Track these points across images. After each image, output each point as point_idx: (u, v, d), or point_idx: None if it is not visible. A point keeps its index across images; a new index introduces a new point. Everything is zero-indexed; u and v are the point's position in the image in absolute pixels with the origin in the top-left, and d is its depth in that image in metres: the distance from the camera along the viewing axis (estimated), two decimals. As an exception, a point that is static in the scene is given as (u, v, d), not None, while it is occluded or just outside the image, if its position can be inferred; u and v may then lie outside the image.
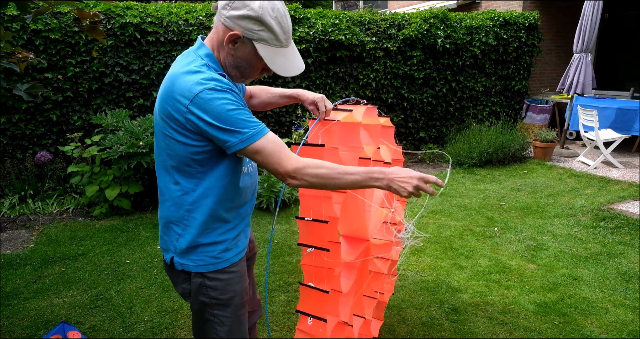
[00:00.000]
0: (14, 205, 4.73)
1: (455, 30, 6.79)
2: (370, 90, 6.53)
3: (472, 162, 6.16)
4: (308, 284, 1.78)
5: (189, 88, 1.26)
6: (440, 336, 2.56)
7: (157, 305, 2.94)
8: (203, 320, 1.51)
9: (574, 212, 4.48)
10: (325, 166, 1.32)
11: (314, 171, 1.31)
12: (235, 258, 1.50)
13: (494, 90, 7.49)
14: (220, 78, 1.30)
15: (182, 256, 1.45)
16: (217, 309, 1.48)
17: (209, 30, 5.42)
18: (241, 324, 1.55)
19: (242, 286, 1.52)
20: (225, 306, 1.49)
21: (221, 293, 1.47)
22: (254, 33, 1.29)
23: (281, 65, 1.35)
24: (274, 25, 1.29)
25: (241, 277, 1.52)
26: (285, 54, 1.35)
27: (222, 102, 1.26)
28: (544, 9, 7.99)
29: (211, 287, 1.45)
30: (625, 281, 3.16)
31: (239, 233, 1.52)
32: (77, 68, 5.03)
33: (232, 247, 1.49)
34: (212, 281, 1.45)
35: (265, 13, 1.27)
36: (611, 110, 6.40)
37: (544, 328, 2.64)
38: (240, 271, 1.52)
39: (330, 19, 6.09)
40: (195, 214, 1.41)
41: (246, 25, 1.29)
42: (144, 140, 4.40)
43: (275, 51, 1.34)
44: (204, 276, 1.45)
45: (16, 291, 3.16)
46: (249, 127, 1.28)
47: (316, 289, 1.77)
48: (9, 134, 4.98)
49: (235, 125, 1.27)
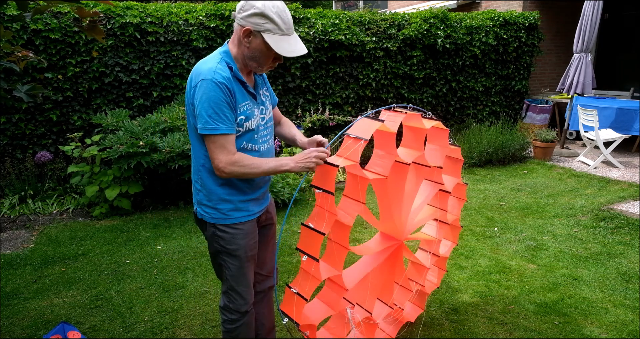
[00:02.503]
0: (14, 205, 4.73)
1: (455, 30, 6.79)
2: (370, 90, 6.53)
3: (472, 162, 6.16)
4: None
5: (197, 74, 1.68)
6: (440, 336, 2.56)
7: (157, 305, 2.94)
8: (217, 263, 1.92)
9: (574, 212, 4.48)
10: (249, 163, 1.71)
11: (237, 169, 1.69)
12: (243, 219, 1.84)
13: (494, 90, 7.49)
14: (222, 73, 1.66)
15: (201, 207, 1.86)
16: (225, 256, 1.87)
17: (208, 30, 5.44)
18: (244, 274, 1.89)
19: (246, 242, 1.86)
20: (231, 255, 1.85)
21: (228, 243, 1.84)
22: (261, 26, 1.64)
23: (285, 48, 1.66)
24: (276, 18, 1.63)
25: (246, 235, 1.85)
26: (288, 41, 1.67)
27: (211, 94, 1.64)
28: (544, 9, 7.99)
29: (220, 237, 1.84)
30: (625, 281, 3.16)
31: (249, 199, 1.85)
32: (77, 68, 5.03)
33: (241, 209, 1.84)
34: (221, 232, 1.83)
35: (267, 9, 1.62)
36: (611, 110, 6.40)
37: (544, 328, 2.64)
38: (246, 230, 1.85)
39: (330, 19, 6.09)
40: (204, 175, 1.81)
41: (254, 20, 1.63)
42: (144, 140, 4.40)
43: (280, 39, 1.66)
44: (215, 227, 1.84)
45: (16, 291, 3.16)
46: (209, 123, 1.65)
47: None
48: (9, 134, 4.98)
49: (204, 115, 1.65)
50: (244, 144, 1.78)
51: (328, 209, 1.82)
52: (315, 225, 1.82)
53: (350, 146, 1.84)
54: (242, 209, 1.84)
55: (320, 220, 1.82)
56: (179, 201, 4.90)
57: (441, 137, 2.39)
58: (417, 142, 2.21)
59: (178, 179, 4.89)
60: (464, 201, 2.65)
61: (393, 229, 2.24)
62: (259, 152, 1.83)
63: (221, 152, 1.67)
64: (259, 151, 1.83)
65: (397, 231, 2.24)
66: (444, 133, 2.37)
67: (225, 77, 1.66)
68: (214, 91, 1.64)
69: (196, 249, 3.78)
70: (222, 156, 1.67)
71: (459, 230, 2.71)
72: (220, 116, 1.65)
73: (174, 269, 3.44)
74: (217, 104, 1.64)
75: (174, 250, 3.78)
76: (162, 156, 4.35)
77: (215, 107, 1.64)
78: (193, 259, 3.60)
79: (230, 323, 1.96)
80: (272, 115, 1.98)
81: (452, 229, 2.66)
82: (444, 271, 2.73)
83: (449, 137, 2.39)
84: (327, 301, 2.02)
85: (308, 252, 1.84)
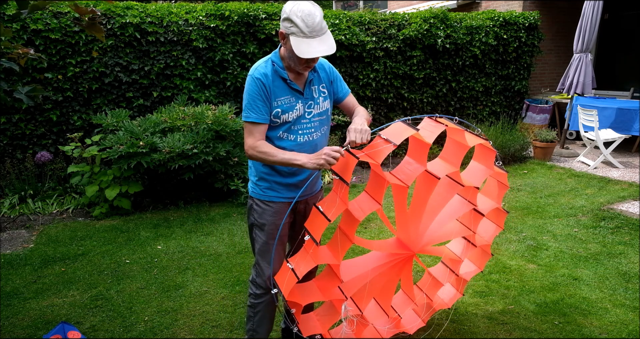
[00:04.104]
0: (14, 205, 4.73)
1: (455, 30, 6.79)
2: (370, 90, 6.53)
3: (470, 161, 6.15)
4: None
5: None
6: (440, 336, 2.56)
7: (157, 305, 2.94)
8: (251, 236, 2.19)
9: (574, 212, 4.48)
10: (264, 150, 1.92)
11: (256, 154, 1.93)
12: (275, 198, 2.07)
13: (494, 90, 7.49)
14: (261, 70, 1.93)
15: (250, 183, 2.15)
16: (256, 229, 2.12)
17: (208, 30, 5.43)
18: (268, 251, 2.09)
19: (274, 220, 2.07)
20: (261, 229, 2.10)
21: (259, 217, 2.10)
22: (288, 29, 1.82)
23: (302, 50, 1.79)
24: (299, 22, 1.78)
25: (275, 213, 2.07)
26: (309, 43, 1.80)
27: (248, 87, 1.94)
28: (544, 9, 7.99)
29: (255, 210, 2.11)
30: (625, 281, 3.16)
31: (284, 184, 2.06)
32: (77, 68, 5.03)
33: (275, 189, 2.07)
34: (256, 206, 2.10)
35: (292, 14, 1.78)
36: (611, 110, 6.39)
37: (544, 328, 2.64)
38: (276, 209, 2.07)
39: (330, 19, 6.09)
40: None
41: (285, 24, 1.83)
42: (144, 140, 4.40)
43: (302, 41, 1.80)
44: (253, 200, 2.13)
45: (16, 291, 3.16)
46: (245, 111, 1.95)
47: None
48: (9, 134, 4.98)
49: (244, 104, 1.96)
50: (280, 133, 1.99)
51: (341, 198, 1.84)
52: (325, 210, 1.85)
53: (377, 146, 1.84)
54: (276, 189, 2.07)
55: (331, 206, 1.85)
56: (179, 201, 4.90)
57: (487, 157, 2.27)
58: (456, 157, 2.13)
59: (178, 179, 4.89)
60: (500, 229, 2.48)
61: (407, 239, 2.18)
62: (296, 142, 2.01)
63: (248, 136, 1.95)
64: (296, 141, 2.01)
65: (412, 242, 2.18)
66: (491, 154, 2.25)
67: (262, 74, 1.91)
68: (250, 85, 1.93)
69: (196, 249, 3.78)
70: (249, 140, 1.94)
71: (488, 257, 2.55)
72: (253, 106, 1.92)
73: (174, 269, 3.44)
74: (251, 96, 1.92)
75: (174, 250, 3.78)
76: (162, 156, 4.35)
77: (250, 99, 1.92)
78: (193, 259, 3.60)
79: (255, 297, 2.17)
80: (328, 109, 2.11)
81: (480, 254, 2.53)
82: (459, 294, 2.57)
83: (496, 160, 2.26)
84: (320, 286, 2.05)
85: (312, 233, 1.87)
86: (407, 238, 2.18)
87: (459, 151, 2.12)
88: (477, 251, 2.50)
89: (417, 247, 2.20)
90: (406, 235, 2.17)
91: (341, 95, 2.15)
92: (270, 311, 2.21)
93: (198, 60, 5.53)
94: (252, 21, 5.62)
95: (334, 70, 2.12)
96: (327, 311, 2.18)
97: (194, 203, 4.96)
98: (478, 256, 2.54)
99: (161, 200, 4.95)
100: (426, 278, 2.53)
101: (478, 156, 2.33)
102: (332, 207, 1.83)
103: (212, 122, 4.60)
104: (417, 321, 2.45)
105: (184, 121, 4.70)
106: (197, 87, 5.59)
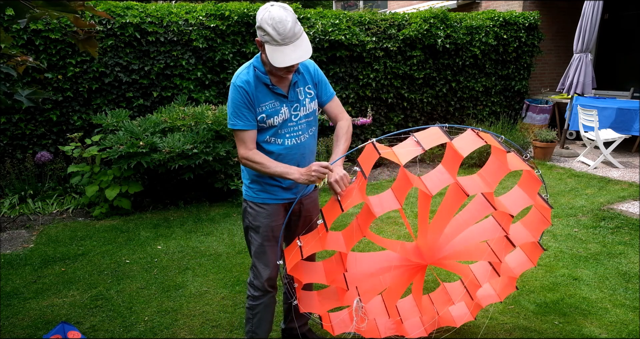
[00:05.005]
0: (14, 205, 4.73)
1: (455, 30, 6.79)
2: (370, 90, 6.53)
3: (472, 162, 6.15)
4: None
5: None
6: (440, 336, 2.56)
7: (157, 305, 2.94)
8: (247, 239, 2.19)
9: (574, 212, 4.48)
10: (258, 161, 1.94)
11: (249, 163, 1.96)
12: (268, 200, 2.08)
13: (494, 90, 7.49)
14: (242, 77, 1.92)
15: (243, 186, 2.16)
16: (252, 232, 2.13)
17: (208, 30, 5.43)
18: (264, 252, 2.10)
19: (268, 222, 2.07)
20: (256, 231, 2.10)
21: (253, 220, 2.10)
22: (262, 37, 1.81)
23: (276, 58, 1.79)
24: (271, 30, 1.76)
25: (269, 215, 2.08)
26: (283, 51, 1.79)
27: (232, 96, 1.94)
28: (544, 9, 7.99)
29: (249, 213, 2.11)
30: (625, 281, 3.15)
31: (276, 185, 2.06)
32: (77, 68, 5.03)
33: (268, 191, 2.07)
34: (250, 208, 2.11)
35: (263, 22, 1.77)
36: (611, 110, 6.39)
37: (544, 328, 2.64)
38: (270, 211, 2.08)
39: (330, 19, 6.09)
40: None
41: (259, 33, 1.82)
42: (144, 140, 4.40)
43: (275, 49, 1.79)
44: (247, 203, 2.13)
45: (16, 291, 3.16)
46: (230, 119, 1.96)
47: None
48: (9, 134, 4.98)
49: (228, 112, 1.98)
50: (267, 137, 2.00)
51: (359, 190, 1.86)
52: (342, 199, 1.87)
53: (407, 146, 1.83)
54: (268, 191, 2.08)
55: (348, 196, 1.86)
56: (179, 201, 4.90)
57: (532, 186, 2.11)
58: (494, 177, 2.00)
59: (178, 179, 4.89)
60: (532, 265, 2.32)
61: (425, 248, 2.13)
62: (283, 146, 2.02)
63: (240, 145, 1.97)
64: (283, 145, 2.02)
65: (428, 252, 2.13)
66: (536, 184, 2.09)
67: (244, 81, 1.91)
68: (233, 93, 1.93)
69: (196, 249, 3.78)
70: (241, 149, 1.97)
71: (512, 290, 2.40)
72: (239, 114, 1.93)
73: (174, 269, 3.44)
74: (235, 104, 1.93)
75: (174, 250, 3.78)
76: (162, 156, 4.35)
77: (234, 107, 1.93)
78: (193, 259, 3.60)
79: (253, 299, 2.17)
80: (314, 111, 2.10)
81: (504, 284, 2.39)
82: (471, 318, 2.42)
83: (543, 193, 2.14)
84: (326, 269, 2.08)
85: (326, 218, 1.90)
86: (424, 247, 2.14)
87: (499, 172, 2.00)
88: (501, 280, 2.39)
89: (433, 258, 2.14)
90: (424, 243, 2.13)
91: (325, 98, 2.13)
92: (269, 313, 2.22)
93: (198, 60, 5.53)
94: (252, 21, 5.62)
95: (319, 72, 2.10)
96: (330, 296, 2.21)
97: (194, 203, 4.96)
98: (501, 285, 2.42)
99: (161, 200, 4.95)
100: (440, 292, 2.48)
101: (523, 183, 2.19)
102: (349, 197, 1.85)
103: (212, 122, 4.60)
104: (420, 329, 2.38)
105: (184, 121, 4.70)
106: (197, 87, 5.60)
